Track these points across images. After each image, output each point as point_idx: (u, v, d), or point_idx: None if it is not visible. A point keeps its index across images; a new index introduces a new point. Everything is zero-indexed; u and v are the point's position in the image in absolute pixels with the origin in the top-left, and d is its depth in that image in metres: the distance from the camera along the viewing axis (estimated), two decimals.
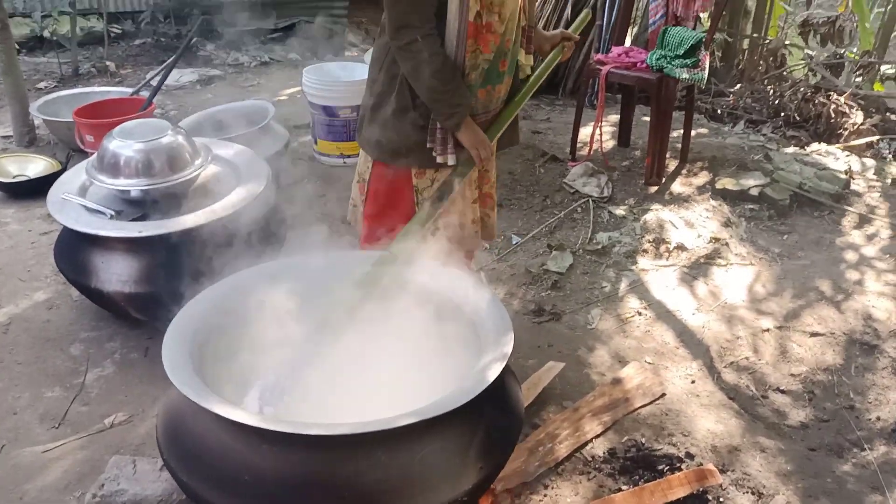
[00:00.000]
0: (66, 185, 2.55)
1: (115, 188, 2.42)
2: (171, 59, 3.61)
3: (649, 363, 2.51)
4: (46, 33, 6.00)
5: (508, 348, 1.57)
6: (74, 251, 2.50)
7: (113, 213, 2.42)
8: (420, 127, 2.03)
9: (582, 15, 2.44)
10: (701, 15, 3.87)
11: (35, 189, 3.45)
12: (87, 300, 2.64)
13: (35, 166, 3.73)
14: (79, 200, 2.46)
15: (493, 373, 1.50)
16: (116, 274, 2.38)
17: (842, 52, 5.52)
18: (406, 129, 2.05)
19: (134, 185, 2.40)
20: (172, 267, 2.31)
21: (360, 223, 2.29)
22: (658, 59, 3.63)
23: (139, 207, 2.46)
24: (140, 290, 2.37)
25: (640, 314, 2.80)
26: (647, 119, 4.28)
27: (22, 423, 2.21)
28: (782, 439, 2.20)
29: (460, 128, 1.99)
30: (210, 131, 3.62)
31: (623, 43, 4.38)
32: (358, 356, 1.73)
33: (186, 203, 2.48)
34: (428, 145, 2.04)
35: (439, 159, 2.05)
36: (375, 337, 1.74)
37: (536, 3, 2.21)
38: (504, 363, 1.53)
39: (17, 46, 4.78)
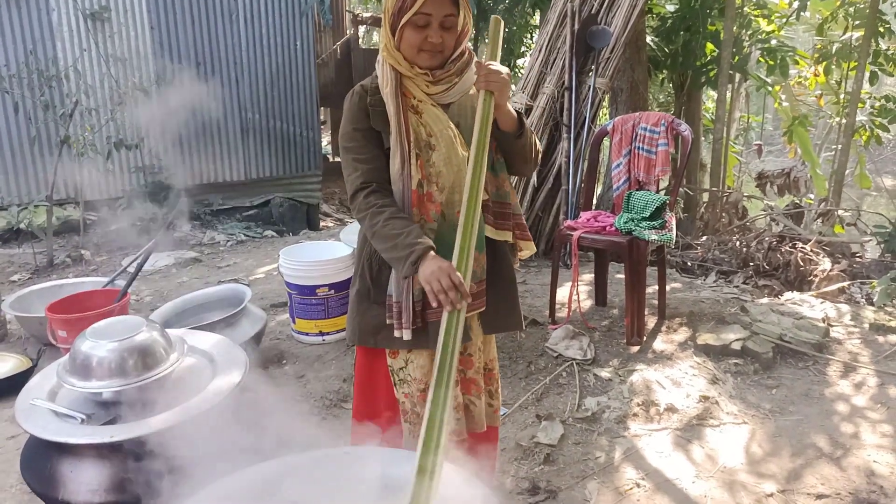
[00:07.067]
0: (36, 390, 2.46)
1: (86, 391, 2.34)
2: (145, 248, 3.63)
3: None
4: (23, 225, 6.06)
5: None
6: (42, 459, 2.37)
7: (84, 416, 2.31)
8: (382, 305, 1.98)
9: (491, 23, 2.03)
10: (661, 178, 4.03)
11: (3, 389, 3.33)
12: None
13: (4, 364, 3.63)
14: (48, 405, 2.37)
15: None
16: (85, 483, 2.24)
17: (799, 200, 5.76)
18: (370, 309, 2.01)
19: (106, 387, 2.32)
20: (148, 472, 2.19)
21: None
22: (626, 223, 3.73)
23: (112, 409, 2.36)
24: (111, 499, 2.23)
25: (638, 485, 2.69)
26: (621, 276, 4.34)
27: None
28: None
29: (418, 268, 1.77)
30: (186, 318, 3.58)
31: (590, 206, 4.52)
32: None
33: (161, 401, 2.39)
34: (387, 321, 1.97)
35: (395, 334, 1.96)
36: None
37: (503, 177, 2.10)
38: None
39: None
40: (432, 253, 1.79)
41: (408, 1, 1.81)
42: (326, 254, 3.98)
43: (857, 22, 7.14)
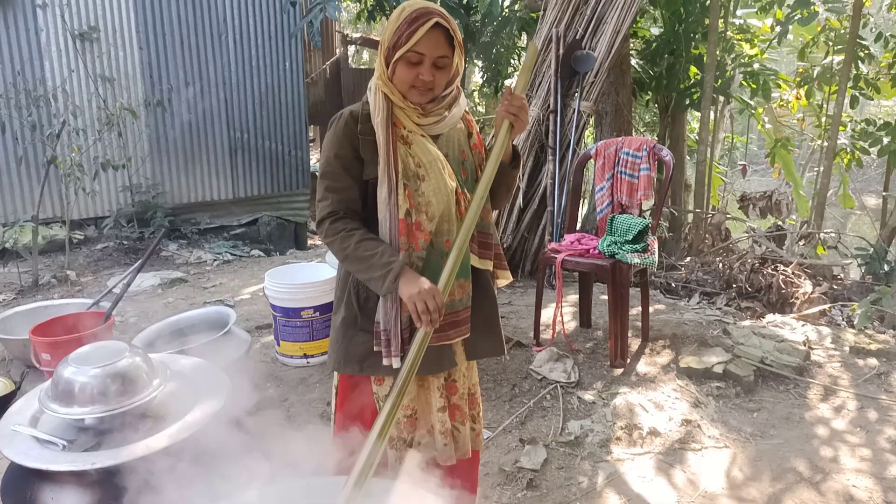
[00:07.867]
0: (18, 416, 2.45)
1: (68, 417, 2.33)
2: (132, 269, 3.63)
3: None
4: (8, 244, 6.04)
5: None
6: (22, 486, 2.36)
7: (65, 443, 2.31)
8: (369, 333, 2.00)
9: (529, 50, 2.13)
10: (644, 202, 4.08)
11: None
12: None
13: None
14: (29, 431, 2.36)
15: None
16: None
17: (782, 222, 5.82)
18: (357, 337, 2.03)
19: (88, 413, 2.31)
20: (129, 500, 2.18)
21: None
22: (609, 246, 3.76)
23: (94, 435, 2.36)
24: None
25: None
26: (605, 297, 4.37)
27: None
28: None
29: (399, 285, 1.83)
30: (170, 341, 3.58)
31: (575, 227, 4.56)
32: None
33: (143, 427, 2.39)
34: (374, 348, 1.99)
35: (385, 362, 1.98)
36: None
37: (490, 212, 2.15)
38: None
39: None
40: (409, 269, 1.86)
41: (402, 38, 1.84)
42: (312, 276, 4.00)
43: (837, 47, 7.25)
